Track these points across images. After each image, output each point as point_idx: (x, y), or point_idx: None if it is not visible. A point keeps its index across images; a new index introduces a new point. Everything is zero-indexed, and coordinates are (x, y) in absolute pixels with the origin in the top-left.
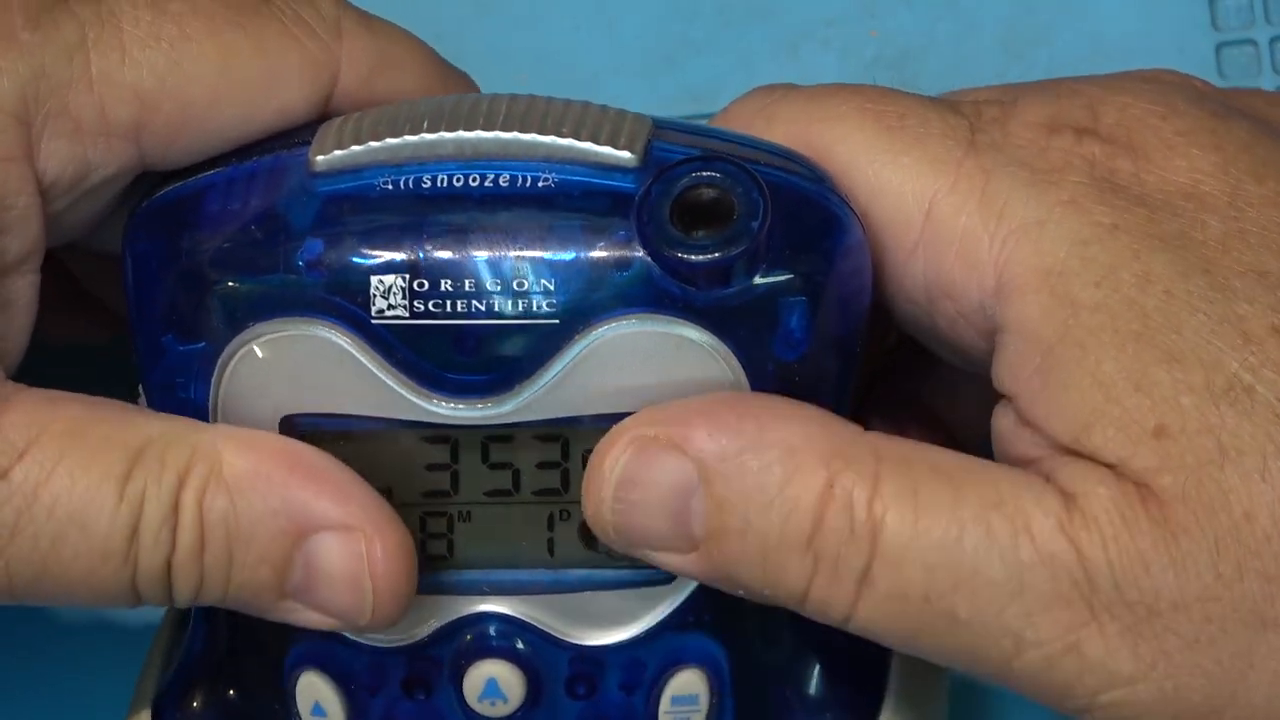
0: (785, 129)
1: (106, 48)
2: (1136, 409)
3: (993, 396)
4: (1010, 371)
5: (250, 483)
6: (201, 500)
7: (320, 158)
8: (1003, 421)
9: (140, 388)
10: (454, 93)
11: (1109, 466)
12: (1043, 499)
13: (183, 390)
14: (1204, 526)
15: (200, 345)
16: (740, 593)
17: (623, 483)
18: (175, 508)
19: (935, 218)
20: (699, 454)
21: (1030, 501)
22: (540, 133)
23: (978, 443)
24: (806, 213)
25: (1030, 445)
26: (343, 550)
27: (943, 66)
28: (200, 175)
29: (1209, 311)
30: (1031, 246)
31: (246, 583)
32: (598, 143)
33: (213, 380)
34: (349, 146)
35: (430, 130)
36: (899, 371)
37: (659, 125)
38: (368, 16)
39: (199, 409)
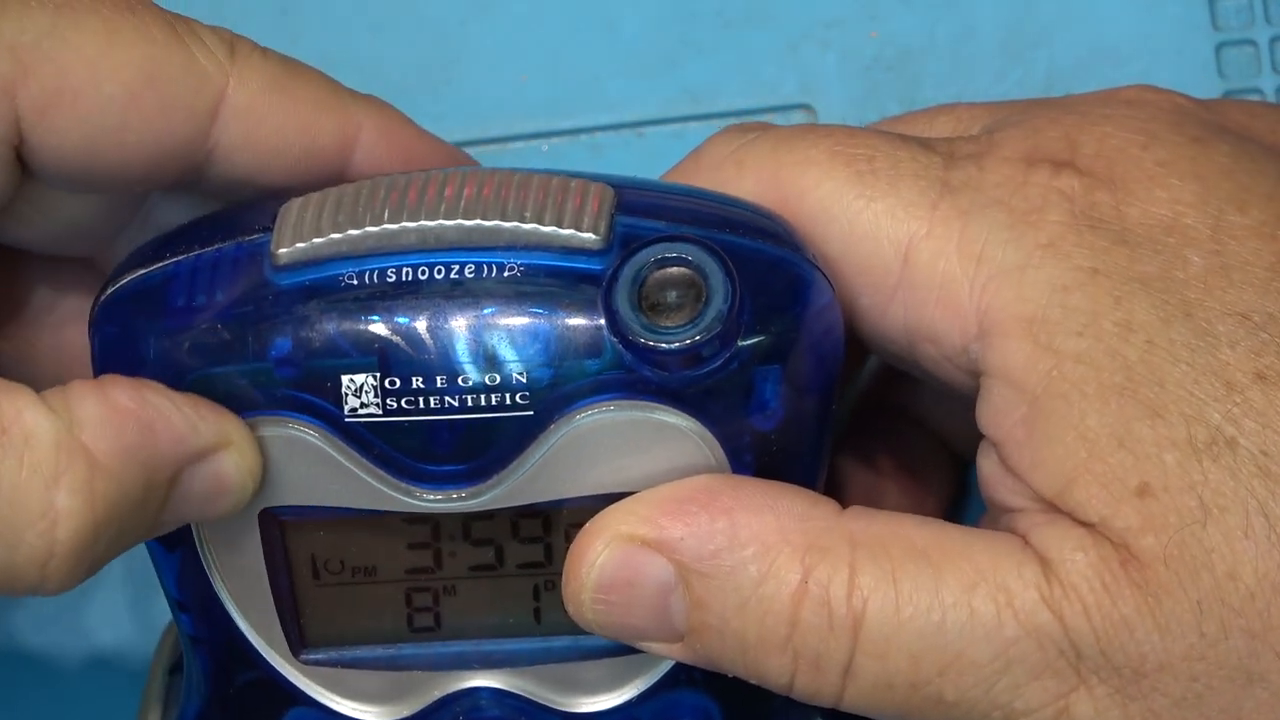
0: (756, 175)
1: None
2: (1120, 466)
3: (978, 433)
4: (995, 418)
5: (125, 457)
6: (92, 497)
7: (282, 250)
8: (987, 465)
9: None
10: (361, 117)
11: (1089, 525)
12: (1023, 569)
13: None
14: (1187, 588)
15: None
16: (731, 675)
17: (600, 585)
18: (47, 512)
19: (913, 263)
20: (674, 554)
21: (1010, 574)
22: (502, 219)
23: (966, 450)
24: (774, 279)
25: (1013, 494)
26: (216, 469)
27: (943, 67)
28: (163, 263)
29: (1191, 361)
30: (1013, 293)
31: (134, 538)
32: (561, 226)
33: None
34: (310, 239)
35: (391, 220)
36: (889, 383)
37: (620, 190)
38: (264, 48)
39: (184, 533)
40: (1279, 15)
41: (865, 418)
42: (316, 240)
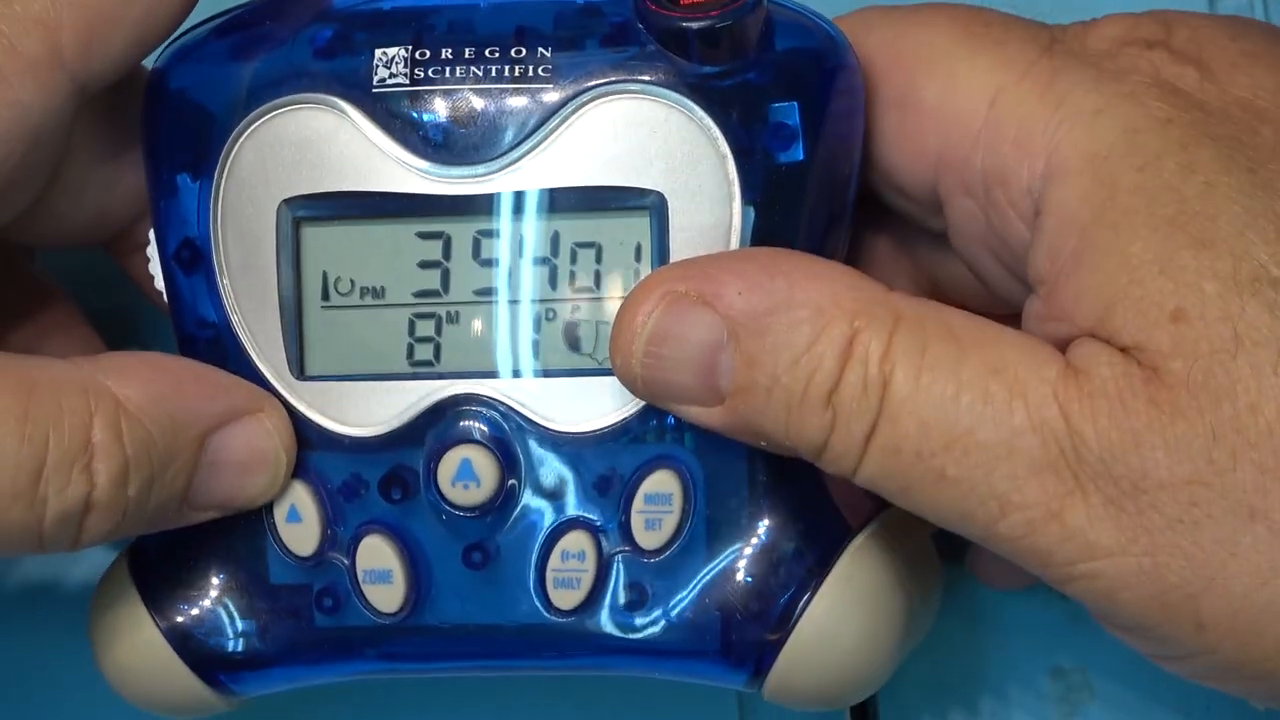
0: (880, 34)
1: None
2: (1158, 292)
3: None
4: (1046, 254)
5: (152, 405)
6: (121, 434)
7: None
8: (1032, 319)
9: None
10: None
11: (1125, 349)
12: (1043, 367)
13: (191, 222)
14: (1205, 413)
15: (205, 173)
16: (761, 444)
17: (653, 337)
18: (87, 446)
19: (998, 107)
20: (729, 311)
21: (1030, 368)
22: None
23: None
24: (803, 32)
25: (1056, 336)
26: (248, 433)
27: None
28: (221, 18)
29: (1246, 205)
30: (1084, 131)
31: (164, 499)
32: None
33: (215, 176)
34: None
35: None
36: None
37: None
38: None
39: (203, 231)
40: (1279, 15)
41: None
42: None
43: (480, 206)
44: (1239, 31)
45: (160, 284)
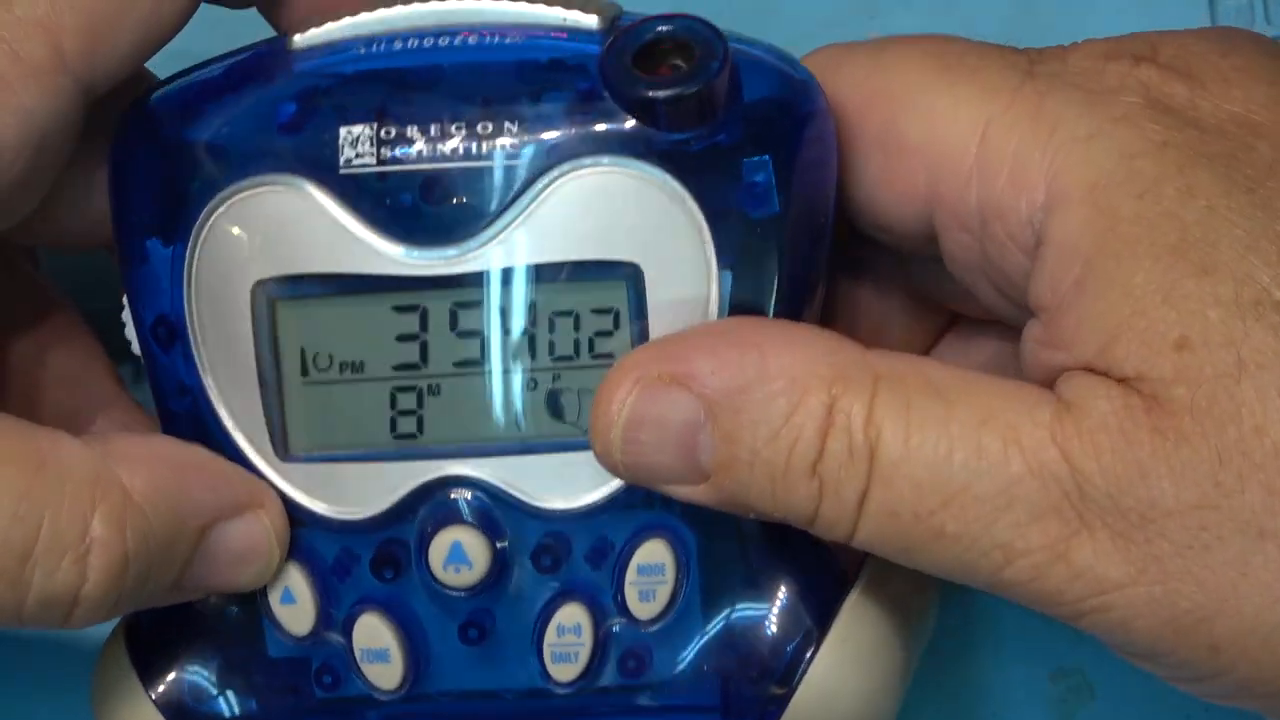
0: (851, 74)
1: None
2: (1161, 321)
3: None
4: (1048, 284)
5: (158, 497)
6: (123, 528)
7: (298, 36)
8: (1030, 346)
9: (125, 299)
10: None
11: (1126, 380)
12: (1035, 410)
13: (165, 296)
14: (1210, 438)
15: (177, 242)
16: (751, 515)
17: (630, 423)
18: (84, 537)
19: (989, 140)
20: (704, 390)
21: (1021, 413)
22: (510, 2)
23: None
24: (771, 80)
25: (1054, 364)
26: (247, 527)
27: None
28: (184, 78)
29: (1247, 227)
30: (1080, 158)
31: (157, 586)
32: (567, 7)
33: (186, 254)
34: (324, 25)
35: (404, 3)
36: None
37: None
38: None
39: (177, 309)
40: (1279, 15)
41: None
42: (331, 25)
43: (455, 284)
44: (1228, 46)
45: (137, 349)
